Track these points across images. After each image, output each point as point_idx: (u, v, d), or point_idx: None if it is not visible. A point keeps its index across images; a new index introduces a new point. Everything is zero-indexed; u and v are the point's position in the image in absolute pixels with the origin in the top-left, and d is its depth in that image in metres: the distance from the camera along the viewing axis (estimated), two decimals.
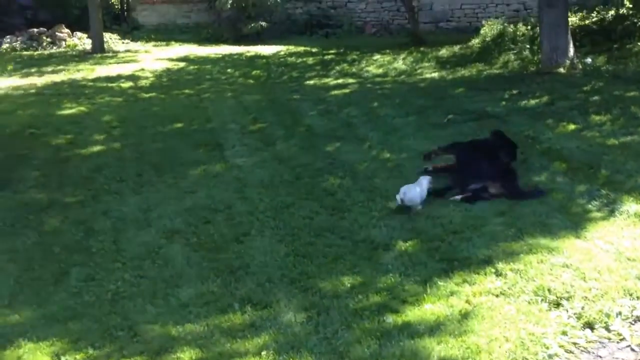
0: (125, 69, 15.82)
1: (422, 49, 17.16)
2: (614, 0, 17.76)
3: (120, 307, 4.72)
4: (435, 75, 13.74)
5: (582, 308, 4.26)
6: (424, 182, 6.33)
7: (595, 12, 15.35)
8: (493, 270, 4.85)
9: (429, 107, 10.61)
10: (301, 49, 19.01)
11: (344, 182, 7.14)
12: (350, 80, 13.80)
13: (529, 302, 4.37)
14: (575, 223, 5.62)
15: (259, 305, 4.60)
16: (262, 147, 8.75)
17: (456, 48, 16.47)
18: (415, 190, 6.16)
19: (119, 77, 14.67)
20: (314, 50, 18.58)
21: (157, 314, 4.59)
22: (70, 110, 11.47)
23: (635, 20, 14.21)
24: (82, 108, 11.58)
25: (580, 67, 12.15)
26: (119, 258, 5.54)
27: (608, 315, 4.17)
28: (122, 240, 5.90)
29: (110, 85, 13.80)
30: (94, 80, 14.42)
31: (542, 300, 4.38)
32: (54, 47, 20.36)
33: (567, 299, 4.37)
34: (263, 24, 21.76)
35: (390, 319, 4.32)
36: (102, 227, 6.23)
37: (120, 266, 5.38)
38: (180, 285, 4.97)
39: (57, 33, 20.96)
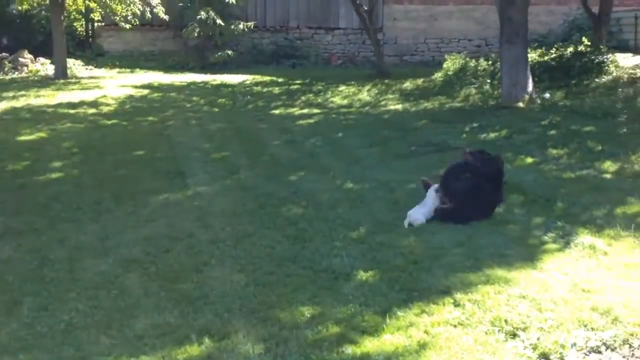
0: (88, 95, 15.68)
1: (386, 81, 17.42)
2: (572, 38, 18.36)
3: (73, 338, 4.59)
4: (399, 107, 13.94)
5: (538, 339, 4.29)
6: (429, 201, 6.73)
7: (554, 48, 15.81)
8: (451, 300, 4.86)
9: (392, 138, 10.74)
10: (267, 78, 19.11)
11: (307, 211, 7.13)
12: (316, 111, 13.90)
13: (486, 333, 4.39)
14: (532, 254, 5.69)
15: (217, 336, 4.52)
16: (226, 176, 8.72)
17: (419, 81, 16.75)
18: (420, 211, 6.66)
19: (81, 104, 14.52)
20: (280, 80, 18.70)
21: (112, 345, 4.47)
22: (29, 136, 11.30)
23: (593, 57, 14.66)
24: (41, 134, 11.41)
25: (539, 101, 12.46)
26: (73, 288, 5.40)
27: (563, 346, 4.21)
28: (78, 270, 5.77)
29: (71, 111, 13.65)
30: (55, 106, 14.25)
31: (498, 330, 4.41)
32: (16, 73, 20.15)
33: (523, 330, 4.40)
34: (230, 52, 21.86)
35: (349, 349, 4.29)
36: (57, 256, 6.09)
37: (74, 296, 5.25)
38: (136, 316, 4.86)
39: (19, 58, 20.73)
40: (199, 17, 21.28)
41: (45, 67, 20.73)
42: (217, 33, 21.74)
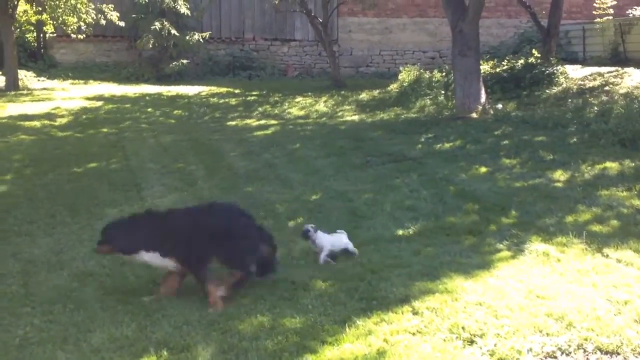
0: (40, 107, 15.37)
1: (342, 92, 17.55)
2: (523, 50, 18.81)
3: (28, 354, 4.49)
4: (356, 118, 14.06)
5: (495, 345, 4.36)
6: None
7: (505, 60, 16.16)
8: (410, 309, 4.92)
9: (349, 149, 10.81)
10: (224, 89, 19.04)
11: (265, 222, 7.10)
12: (273, 122, 13.91)
13: (444, 340, 4.45)
14: (488, 262, 5.80)
15: (176, 349, 4.48)
16: (182, 187, 8.65)
17: (375, 92, 16.93)
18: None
19: (33, 116, 14.21)
20: (236, 91, 18.66)
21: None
22: None
23: (543, 69, 15.04)
24: None
25: (492, 112, 12.71)
26: (27, 302, 5.29)
27: (519, 352, 4.29)
28: (32, 284, 5.65)
29: (23, 123, 13.35)
30: (6, 118, 13.93)
31: (456, 338, 4.47)
32: None
33: (481, 337, 4.47)
34: (185, 64, 21.71)
35: (309, 359, 4.30)
36: (10, 270, 5.95)
37: (29, 311, 5.14)
38: (92, 330, 4.78)
39: None
40: (153, 27, 21.06)
41: None
42: (172, 44, 21.56)
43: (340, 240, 6.21)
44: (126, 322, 4.88)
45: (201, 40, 22.04)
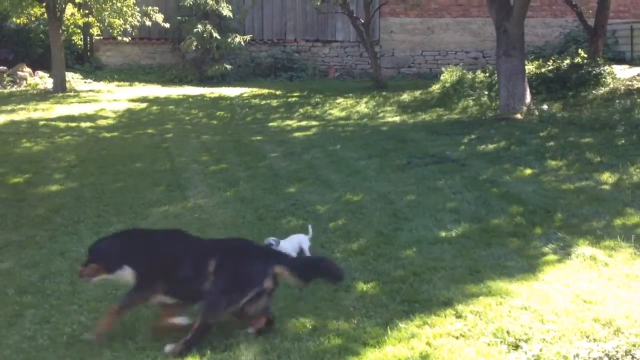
0: (87, 109, 15.70)
1: (384, 93, 17.49)
2: (569, 50, 18.45)
3: (75, 351, 4.59)
4: (397, 119, 13.99)
5: (541, 350, 4.29)
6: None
7: (551, 60, 15.88)
8: (453, 312, 4.87)
9: (390, 150, 10.76)
10: (265, 91, 19.17)
11: (306, 223, 7.13)
12: (314, 123, 13.94)
13: (489, 344, 4.40)
14: (533, 265, 5.70)
15: (219, 348, 4.52)
16: (225, 188, 8.73)
17: (417, 93, 16.83)
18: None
19: (80, 117, 14.54)
20: (278, 92, 18.77)
21: (114, 357, 4.47)
22: (29, 149, 11.30)
23: (590, 69, 14.73)
24: (41, 147, 11.42)
25: (537, 113, 12.51)
26: (75, 300, 5.41)
27: (566, 358, 4.21)
28: (79, 282, 5.74)
29: (70, 124, 13.66)
30: (54, 119, 14.26)
31: (501, 342, 4.41)
32: (15, 86, 20.10)
33: (526, 341, 4.40)
34: (227, 66, 21.93)
35: None
36: (58, 269, 6.09)
37: (76, 308, 5.26)
38: (138, 328, 4.86)
39: (18, 72, 20.70)
40: (196, 30, 21.35)
41: (44, 80, 20.73)
42: (215, 46, 21.80)
43: (295, 242, 6.21)
44: None
45: (242, 42, 22.23)
